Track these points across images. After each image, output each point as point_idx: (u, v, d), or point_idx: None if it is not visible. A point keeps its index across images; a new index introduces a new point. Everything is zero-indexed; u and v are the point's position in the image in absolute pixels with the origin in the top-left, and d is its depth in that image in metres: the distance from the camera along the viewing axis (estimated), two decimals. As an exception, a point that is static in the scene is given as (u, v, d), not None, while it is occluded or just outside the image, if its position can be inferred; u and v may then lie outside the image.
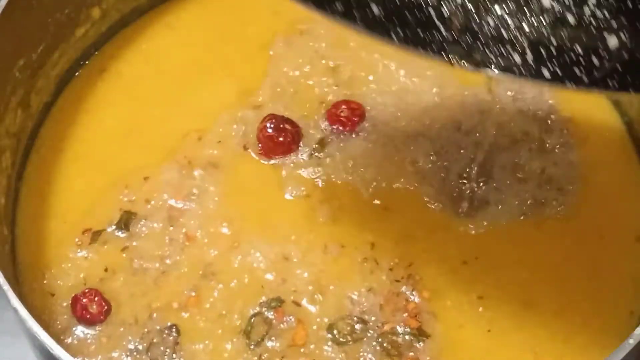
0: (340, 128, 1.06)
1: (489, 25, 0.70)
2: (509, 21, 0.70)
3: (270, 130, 1.04)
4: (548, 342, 0.93)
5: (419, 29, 0.70)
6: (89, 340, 0.93)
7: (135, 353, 0.92)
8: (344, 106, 1.06)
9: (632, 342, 0.79)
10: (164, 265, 0.97)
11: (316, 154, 1.04)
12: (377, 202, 1.01)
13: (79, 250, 0.98)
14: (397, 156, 1.04)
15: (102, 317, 0.93)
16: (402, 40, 0.70)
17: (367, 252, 0.97)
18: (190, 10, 1.18)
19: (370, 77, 1.11)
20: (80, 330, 0.94)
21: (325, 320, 0.93)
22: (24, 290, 0.96)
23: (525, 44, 0.70)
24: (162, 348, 0.92)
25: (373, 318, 0.93)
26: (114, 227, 1.00)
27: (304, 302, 0.94)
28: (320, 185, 1.02)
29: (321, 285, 0.95)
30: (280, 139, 1.04)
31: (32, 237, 1.00)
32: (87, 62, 1.13)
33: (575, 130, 1.08)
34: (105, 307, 0.94)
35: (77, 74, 1.13)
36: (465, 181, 1.02)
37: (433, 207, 1.01)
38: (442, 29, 0.70)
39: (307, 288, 0.95)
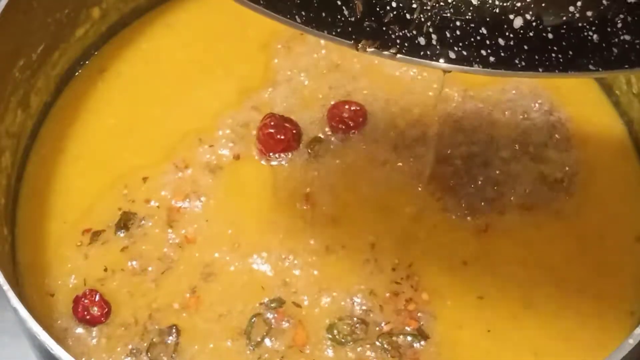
0: (342, 128, 1.06)
1: (393, 9, 0.71)
2: (413, 4, 0.71)
3: (270, 128, 1.04)
4: (548, 342, 0.93)
5: (322, 12, 0.71)
6: (89, 341, 0.93)
7: (135, 353, 0.92)
8: (345, 106, 1.06)
9: (632, 342, 0.79)
10: (163, 266, 0.97)
11: (317, 154, 1.04)
12: (377, 202, 1.01)
13: (78, 250, 0.98)
14: (398, 156, 1.04)
15: (102, 319, 0.93)
16: (306, 23, 0.71)
17: (367, 253, 0.97)
18: (190, 10, 1.18)
19: (372, 77, 1.11)
20: (80, 330, 0.94)
21: (326, 321, 0.93)
22: (24, 290, 0.96)
23: (430, 28, 0.71)
24: (162, 348, 0.92)
25: (373, 319, 0.93)
26: (113, 227, 1.00)
27: (304, 302, 0.94)
28: (320, 185, 1.02)
29: (321, 286, 0.95)
30: (281, 136, 1.04)
31: (32, 237, 1.00)
32: (87, 62, 1.14)
33: (575, 130, 1.08)
34: (106, 309, 0.94)
35: (77, 74, 1.13)
36: (465, 181, 1.02)
37: (433, 207, 1.01)
38: (346, 13, 0.71)
39: (307, 289, 0.95)
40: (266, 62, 1.13)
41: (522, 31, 0.69)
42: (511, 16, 0.69)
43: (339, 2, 0.72)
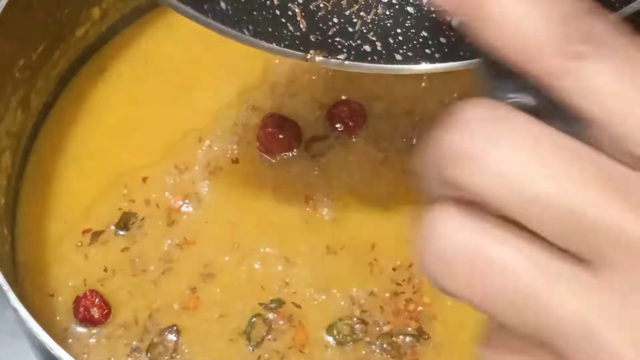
0: (342, 128, 1.06)
1: (335, 24, 0.75)
2: (354, 19, 0.75)
3: (271, 128, 1.04)
4: (548, 343, 0.93)
5: (269, 27, 0.75)
6: (89, 341, 0.93)
7: (135, 353, 0.92)
8: (345, 107, 1.06)
9: (632, 342, 0.79)
10: (164, 266, 0.97)
11: (317, 154, 1.04)
12: (377, 202, 1.01)
13: (78, 250, 0.98)
14: (399, 157, 1.04)
15: (103, 320, 0.93)
16: (254, 36, 0.75)
17: (367, 253, 0.97)
18: (190, 10, 1.18)
19: (372, 77, 1.10)
20: (80, 330, 0.94)
21: (326, 321, 0.93)
22: (24, 290, 0.95)
23: (373, 37, 0.75)
24: (162, 348, 0.92)
25: (373, 319, 0.93)
26: (113, 227, 1.00)
27: (304, 303, 0.94)
28: (320, 185, 1.02)
29: (321, 286, 0.95)
30: (281, 136, 1.04)
31: (32, 237, 1.00)
32: (87, 62, 1.13)
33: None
34: (106, 311, 0.93)
35: (77, 74, 1.12)
36: (465, 181, 1.02)
37: (433, 207, 1.01)
38: (291, 28, 0.75)
39: (307, 289, 0.95)
40: (266, 62, 1.12)
41: (461, 27, 0.74)
42: (448, 17, 0.73)
43: (284, 20, 0.75)
